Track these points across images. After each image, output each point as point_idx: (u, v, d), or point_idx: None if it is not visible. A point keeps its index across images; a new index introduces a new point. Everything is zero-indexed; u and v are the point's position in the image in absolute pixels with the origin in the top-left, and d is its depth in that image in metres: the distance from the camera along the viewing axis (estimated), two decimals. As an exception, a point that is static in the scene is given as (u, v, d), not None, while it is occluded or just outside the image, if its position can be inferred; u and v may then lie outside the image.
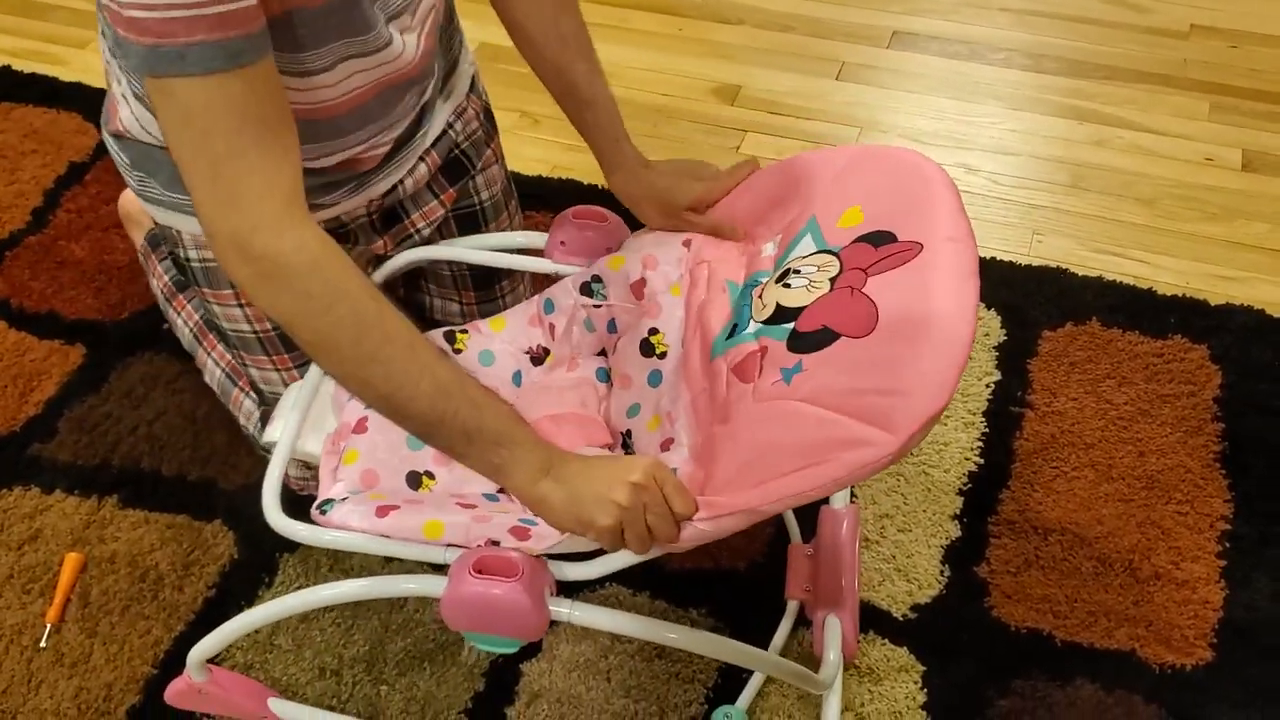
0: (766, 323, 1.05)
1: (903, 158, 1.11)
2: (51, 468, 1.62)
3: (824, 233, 1.09)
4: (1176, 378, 1.66)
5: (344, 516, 1.11)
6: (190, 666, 1.25)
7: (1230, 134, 2.10)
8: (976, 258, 0.98)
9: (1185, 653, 1.37)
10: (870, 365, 0.93)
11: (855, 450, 0.88)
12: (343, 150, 1.23)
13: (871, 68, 2.29)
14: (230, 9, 0.88)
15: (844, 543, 1.33)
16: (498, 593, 1.01)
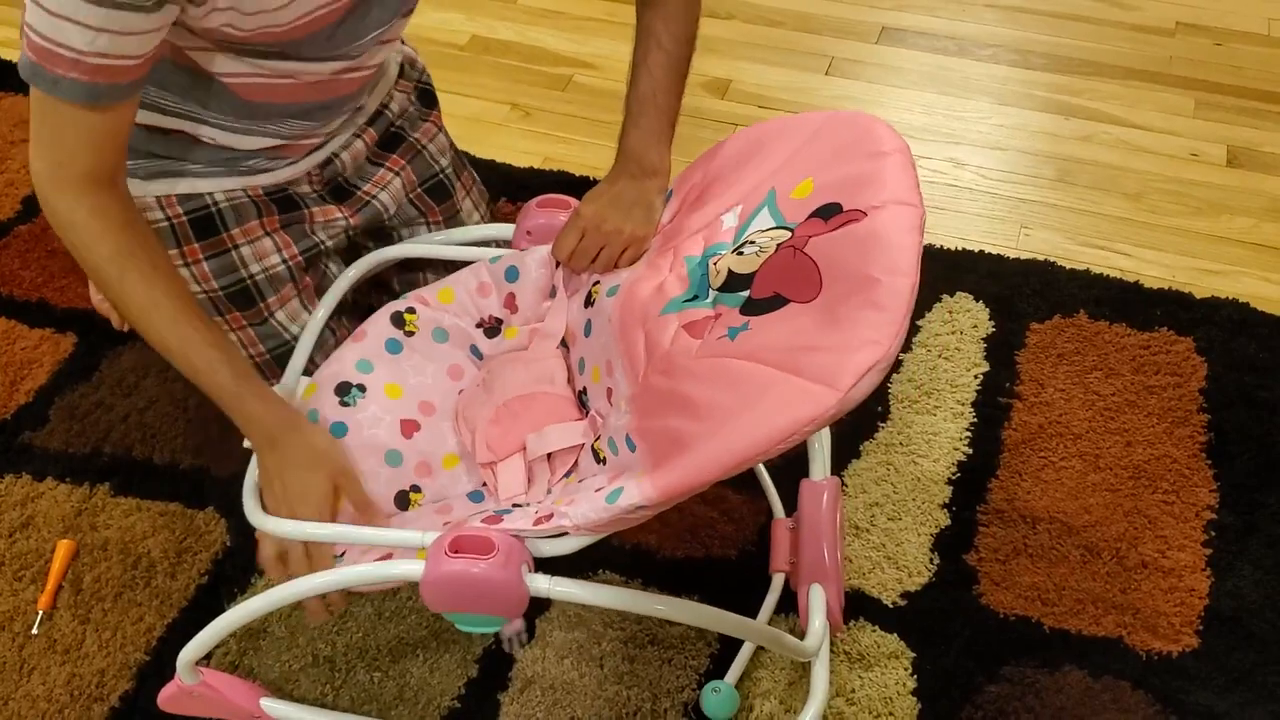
0: (721, 289, 1.07)
1: (865, 127, 1.11)
2: (43, 456, 1.62)
3: (781, 207, 1.11)
4: (1163, 370, 1.68)
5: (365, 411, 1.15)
6: (180, 669, 1.24)
7: (1215, 130, 2.13)
8: (921, 218, 0.99)
9: (1172, 639, 1.38)
10: (814, 324, 0.94)
11: (797, 406, 0.88)
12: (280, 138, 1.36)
13: (860, 63, 2.31)
14: (109, 63, 1.06)
15: (825, 514, 1.33)
16: (475, 571, 1.02)
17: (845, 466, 1.57)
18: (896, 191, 1.01)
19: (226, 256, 1.39)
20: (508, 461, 1.24)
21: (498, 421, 1.25)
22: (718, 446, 0.91)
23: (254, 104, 1.29)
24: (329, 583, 1.13)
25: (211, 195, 1.37)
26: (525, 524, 1.05)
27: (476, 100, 2.24)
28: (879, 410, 1.64)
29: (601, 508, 0.99)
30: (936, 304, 1.78)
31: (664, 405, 1.00)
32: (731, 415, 0.92)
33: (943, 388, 1.66)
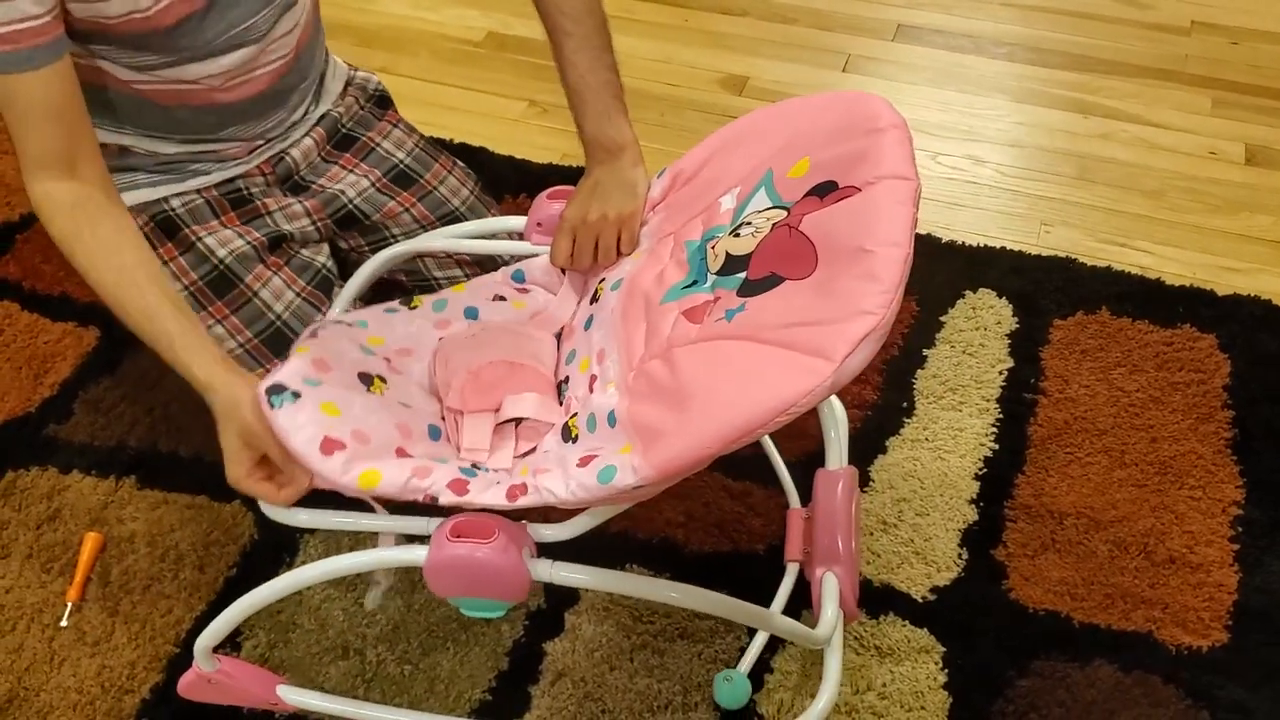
0: (719, 273, 1.07)
1: (862, 104, 1.11)
2: (68, 448, 1.62)
3: (778, 187, 1.11)
4: (1186, 366, 1.68)
5: (290, 422, 1.07)
6: (198, 656, 1.24)
7: (1233, 128, 2.13)
8: (915, 190, 0.99)
9: (1201, 634, 1.39)
10: (808, 300, 0.94)
11: (793, 380, 0.88)
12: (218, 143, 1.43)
13: (877, 60, 2.31)
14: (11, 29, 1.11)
15: (839, 502, 1.34)
16: (479, 555, 1.03)
17: (872, 462, 1.57)
18: (892, 166, 1.01)
19: (195, 249, 1.43)
20: (477, 416, 1.21)
21: (479, 376, 1.23)
22: (714, 422, 0.90)
23: (175, 113, 1.35)
24: (326, 572, 1.14)
25: (168, 201, 1.44)
26: (498, 499, 1.04)
27: (493, 96, 2.24)
28: (904, 406, 1.64)
29: (593, 485, 0.98)
30: (960, 300, 1.79)
31: (659, 389, 1.00)
32: (727, 392, 0.92)
33: (968, 384, 1.67)
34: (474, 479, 1.08)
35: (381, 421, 1.14)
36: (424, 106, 2.18)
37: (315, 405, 1.09)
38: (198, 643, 1.22)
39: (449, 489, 1.06)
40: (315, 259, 1.49)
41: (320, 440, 1.06)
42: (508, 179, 2.02)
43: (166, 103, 1.35)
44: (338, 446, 1.06)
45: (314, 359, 1.16)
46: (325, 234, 1.55)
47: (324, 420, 1.08)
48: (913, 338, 1.73)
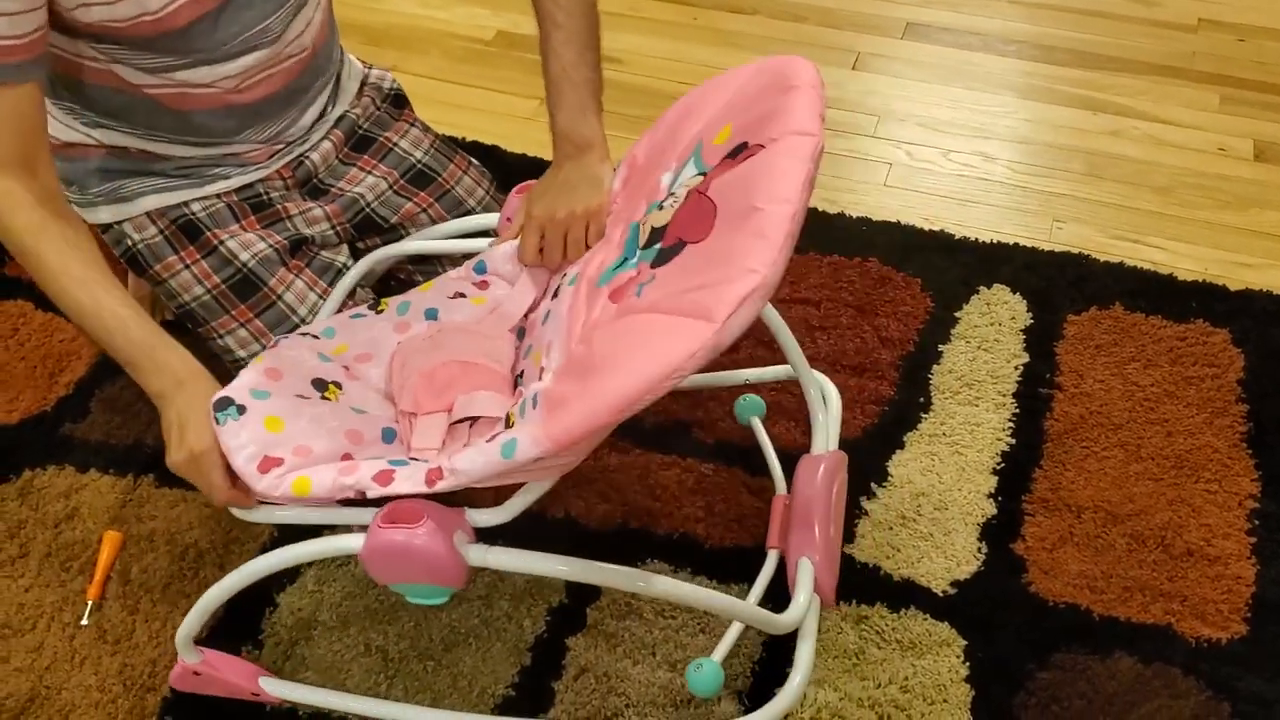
0: (644, 247, 1.08)
1: (782, 66, 1.11)
2: (84, 447, 1.62)
3: (703, 154, 1.12)
4: (1200, 361, 1.69)
5: (234, 441, 1.10)
6: (180, 648, 1.27)
7: (1241, 125, 2.14)
8: (816, 146, 0.99)
9: (1220, 626, 1.39)
10: (703, 263, 0.95)
11: (676, 343, 0.89)
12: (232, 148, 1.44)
13: (886, 57, 2.32)
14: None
15: (818, 488, 1.34)
16: (403, 540, 1.05)
17: (890, 458, 1.58)
18: (797, 123, 1.01)
19: (218, 252, 1.44)
20: (430, 417, 1.23)
21: (432, 377, 1.24)
22: (606, 392, 0.91)
23: (190, 117, 1.35)
24: (277, 562, 1.16)
25: (189, 205, 1.44)
26: (418, 485, 1.05)
27: (504, 95, 2.25)
28: (921, 402, 1.65)
29: (496, 461, 0.99)
30: (974, 296, 1.79)
31: (574, 367, 1.01)
32: (619, 362, 0.93)
33: (984, 379, 1.67)
34: (402, 469, 1.09)
35: (330, 431, 1.17)
36: (435, 105, 2.18)
37: (258, 421, 1.12)
38: (177, 636, 1.25)
39: (374, 481, 1.08)
40: (336, 260, 1.49)
41: (259, 460, 1.10)
42: (521, 177, 2.01)
43: (181, 107, 1.35)
44: (275, 464, 1.10)
45: (267, 369, 1.19)
46: (344, 237, 1.55)
47: (264, 437, 1.11)
48: (928, 334, 1.74)
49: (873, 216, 1.94)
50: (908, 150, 2.10)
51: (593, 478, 1.56)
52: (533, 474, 1.04)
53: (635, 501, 1.54)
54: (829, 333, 1.73)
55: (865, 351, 1.71)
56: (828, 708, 1.33)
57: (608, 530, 1.51)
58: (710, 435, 1.60)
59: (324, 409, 1.18)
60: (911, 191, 2.02)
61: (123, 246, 1.45)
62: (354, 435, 1.17)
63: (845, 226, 1.92)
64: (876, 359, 1.70)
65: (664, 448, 1.59)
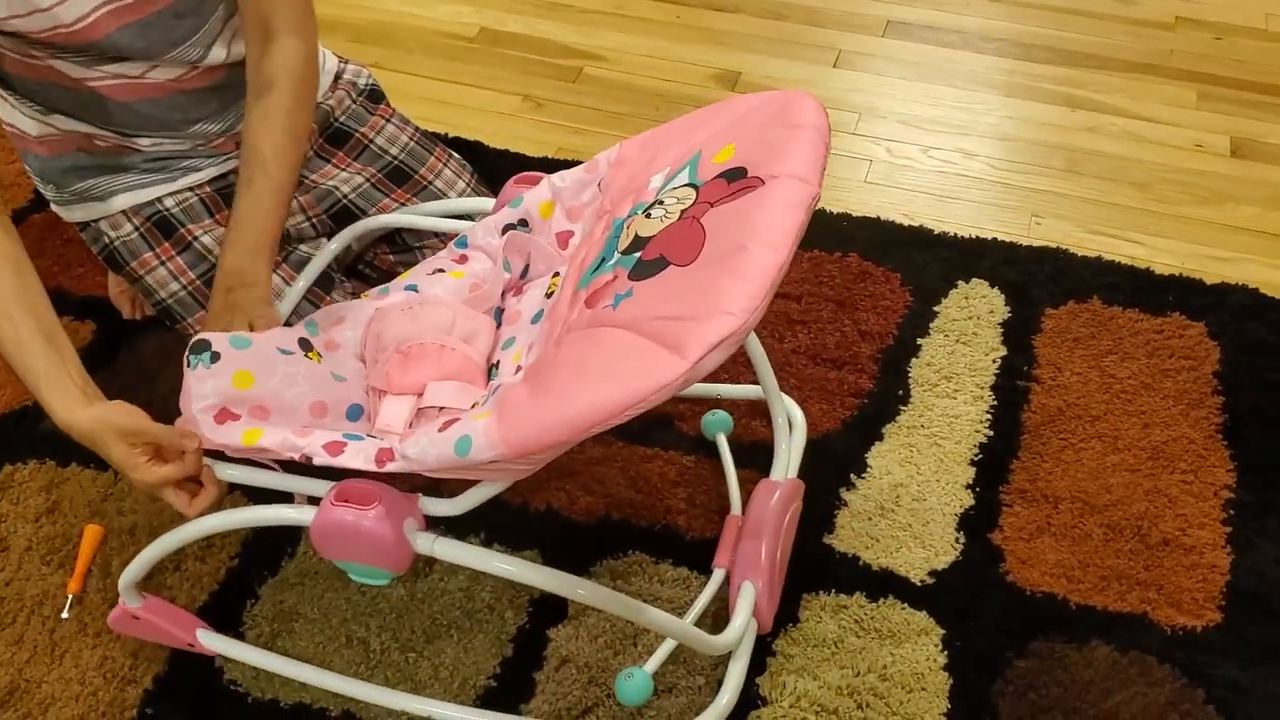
0: (624, 252, 1.08)
1: (793, 101, 1.12)
2: (66, 441, 1.58)
3: (699, 167, 1.12)
4: (1176, 353, 1.70)
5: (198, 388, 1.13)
6: (122, 592, 1.30)
7: (1218, 122, 2.16)
8: (813, 193, 1.00)
9: (1195, 615, 1.41)
10: (683, 291, 0.95)
11: (648, 374, 0.89)
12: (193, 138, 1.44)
13: (868, 55, 2.33)
14: None
15: (770, 513, 1.35)
16: (349, 520, 1.06)
17: (869, 449, 1.59)
18: (797, 166, 1.02)
19: (193, 248, 1.45)
20: (397, 398, 1.23)
21: (407, 355, 1.24)
22: (568, 408, 0.91)
23: (134, 108, 1.36)
24: (225, 523, 1.18)
25: (162, 201, 1.45)
26: (366, 462, 1.06)
27: (487, 91, 2.25)
28: (900, 394, 1.66)
29: (449, 456, 0.99)
30: (953, 290, 1.80)
31: (541, 369, 1.01)
32: (588, 380, 0.93)
33: (962, 371, 1.69)
34: (354, 442, 1.10)
35: (297, 396, 1.18)
36: (418, 101, 2.19)
37: (228, 374, 1.13)
38: (121, 579, 1.28)
39: (324, 449, 1.09)
40: (314, 254, 1.49)
41: (216, 411, 1.12)
42: (503, 173, 2.00)
43: (126, 98, 1.35)
44: (230, 418, 1.12)
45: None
46: (322, 230, 1.55)
47: (228, 392, 1.13)
48: (907, 327, 1.75)
49: (853, 212, 1.95)
50: (888, 147, 2.12)
51: (575, 469, 1.57)
52: (486, 474, 1.05)
53: (617, 493, 1.54)
54: (809, 326, 1.74)
55: (845, 345, 1.72)
56: (806, 696, 1.34)
57: (590, 522, 1.51)
58: (692, 428, 1.61)
59: (300, 368, 1.18)
60: (892, 187, 2.03)
61: (100, 244, 1.46)
62: (318, 408, 1.18)
63: (826, 222, 1.93)
64: (856, 352, 1.71)
65: (646, 440, 1.60)
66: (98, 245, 1.46)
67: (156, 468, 1.15)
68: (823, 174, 1.03)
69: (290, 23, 1.32)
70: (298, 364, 1.19)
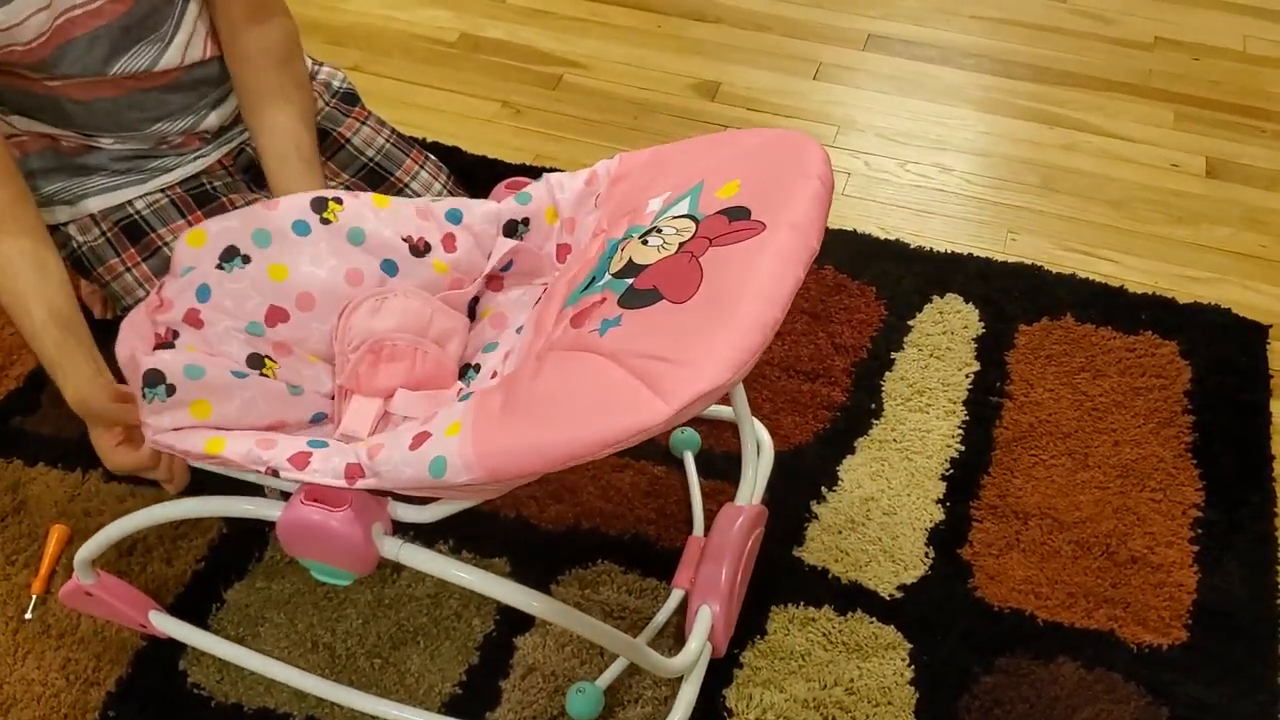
0: (616, 275, 1.07)
1: (801, 147, 1.11)
2: (34, 441, 1.60)
3: (701, 199, 1.11)
4: (1148, 372, 1.71)
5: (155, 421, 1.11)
6: (77, 568, 1.30)
7: (1194, 142, 2.17)
8: (812, 251, 1.00)
9: (1162, 633, 1.41)
10: (674, 331, 0.94)
11: (630, 414, 0.89)
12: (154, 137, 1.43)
13: (848, 68, 2.34)
14: None
15: (733, 537, 1.35)
16: (316, 519, 1.06)
17: (840, 462, 1.59)
18: (800, 218, 1.01)
19: (161, 254, 1.44)
20: (364, 401, 1.21)
21: (378, 357, 1.22)
22: (547, 439, 0.91)
23: (92, 106, 1.35)
24: (188, 510, 1.19)
25: (132, 204, 1.44)
26: (334, 478, 1.05)
27: (466, 97, 2.25)
28: (873, 408, 1.66)
29: (424, 477, 0.98)
30: (927, 305, 1.81)
31: (519, 388, 1.00)
32: (569, 411, 0.92)
33: (935, 386, 1.69)
34: (320, 450, 1.08)
35: (258, 417, 1.17)
36: (397, 106, 2.18)
37: (185, 405, 1.12)
38: (76, 556, 1.28)
39: (289, 463, 1.07)
40: None
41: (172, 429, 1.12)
42: (481, 179, 2.01)
43: (84, 97, 1.34)
44: (190, 429, 1.12)
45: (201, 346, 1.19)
46: None
47: (186, 422, 1.12)
48: (881, 341, 1.75)
49: (830, 225, 1.96)
50: (866, 160, 2.12)
51: (546, 478, 1.56)
52: (459, 494, 1.05)
53: (588, 503, 1.54)
54: (783, 338, 1.75)
55: (819, 358, 1.72)
56: (773, 709, 1.33)
57: (560, 530, 1.51)
58: (664, 438, 1.61)
59: (257, 390, 1.17)
60: (869, 201, 2.04)
61: (68, 249, 1.45)
62: (278, 426, 1.17)
63: (803, 234, 1.93)
64: (830, 365, 1.71)
65: (619, 451, 1.59)
66: (65, 250, 1.45)
67: (130, 452, 1.19)
68: (823, 230, 1.02)
69: (281, 5, 1.43)
70: (253, 385, 1.17)
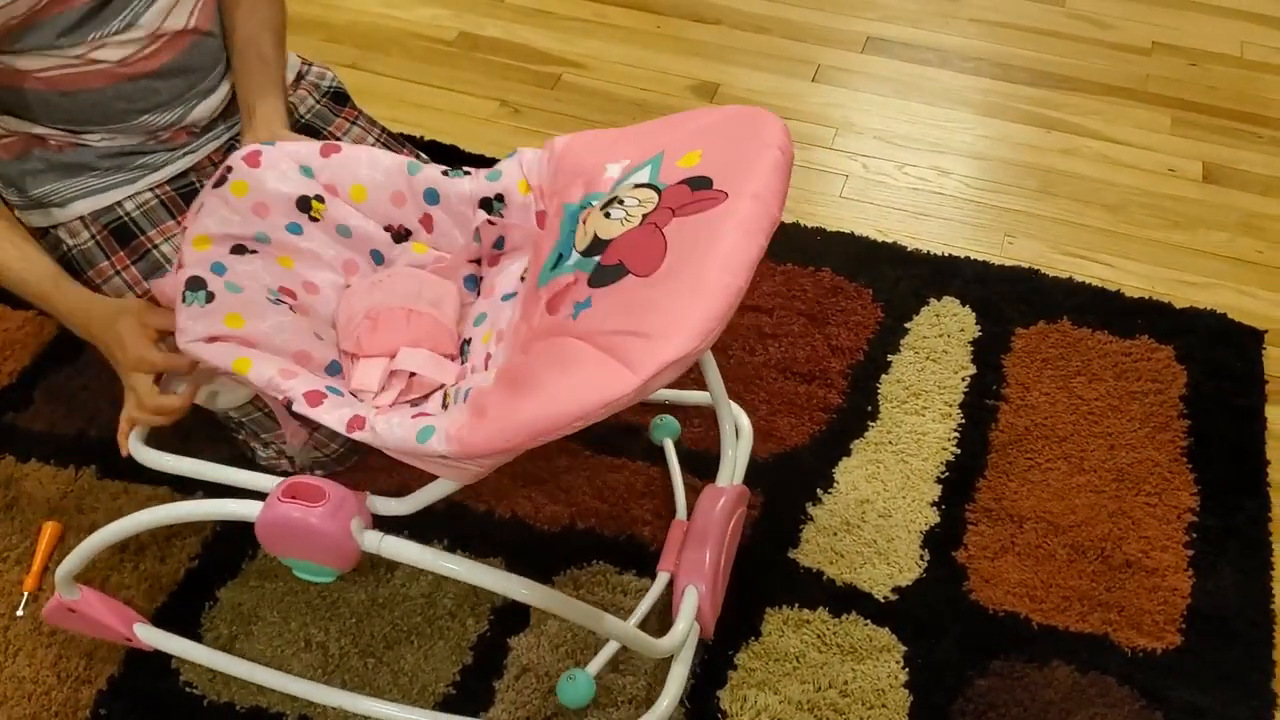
0: (584, 254, 1.08)
1: (761, 120, 1.12)
2: (27, 437, 1.60)
3: (662, 168, 1.12)
4: (1144, 376, 1.71)
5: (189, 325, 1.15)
6: (59, 584, 1.29)
7: (1191, 147, 2.17)
8: (774, 220, 1.00)
9: (1156, 637, 1.41)
10: (641, 305, 0.96)
11: (598, 387, 0.90)
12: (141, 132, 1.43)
13: (847, 71, 2.34)
14: None
15: (716, 519, 1.36)
16: (296, 516, 1.07)
17: (836, 464, 1.59)
18: (762, 188, 1.02)
19: (150, 256, 1.43)
20: (371, 360, 1.23)
21: (377, 320, 1.24)
22: (524, 415, 0.92)
23: (78, 98, 1.34)
24: (167, 516, 1.18)
25: (121, 205, 1.43)
26: (339, 422, 1.06)
27: (464, 96, 2.24)
28: (869, 410, 1.66)
29: (410, 441, 1.00)
30: (924, 308, 1.81)
31: (507, 377, 1.01)
32: (544, 389, 0.94)
33: (931, 389, 1.69)
34: (334, 396, 1.10)
35: (284, 342, 1.19)
36: (395, 104, 2.18)
37: (220, 315, 1.16)
38: (58, 571, 1.27)
39: (304, 398, 1.09)
40: None
41: (205, 337, 1.14)
42: (477, 178, 2.02)
43: (70, 88, 1.33)
44: (220, 340, 1.14)
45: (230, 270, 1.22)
46: None
47: (219, 329, 1.15)
48: (877, 343, 1.75)
49: (827, 227, 1.96)
50: (864, 163, 2.12)
51: (542, 478, 1.56)
52: (438, 468, 1.05)
53: (583, 503, 1.54)
54: (780, 340, 1.74)
55: (815, 360, 1.72)
56: (767, 710, 1.33)
57: (555, 530, 1.51)
58: (645, 426, 1.61)
59: (287, 318, 1.20)
60: (867, 203, 2.03)
61: (58, 252, 1.44)
62: (302, 356, 1.18)
63: (800, 236, 1.93)
64: (826, 367, 1.71)
65: (614, 450, 1.60)
66: (56, 252, 1.44)
67: (158, 350, 1.21)
68: (784, 199, 1.03)
69: None
70: (285, 314, 1.21)
